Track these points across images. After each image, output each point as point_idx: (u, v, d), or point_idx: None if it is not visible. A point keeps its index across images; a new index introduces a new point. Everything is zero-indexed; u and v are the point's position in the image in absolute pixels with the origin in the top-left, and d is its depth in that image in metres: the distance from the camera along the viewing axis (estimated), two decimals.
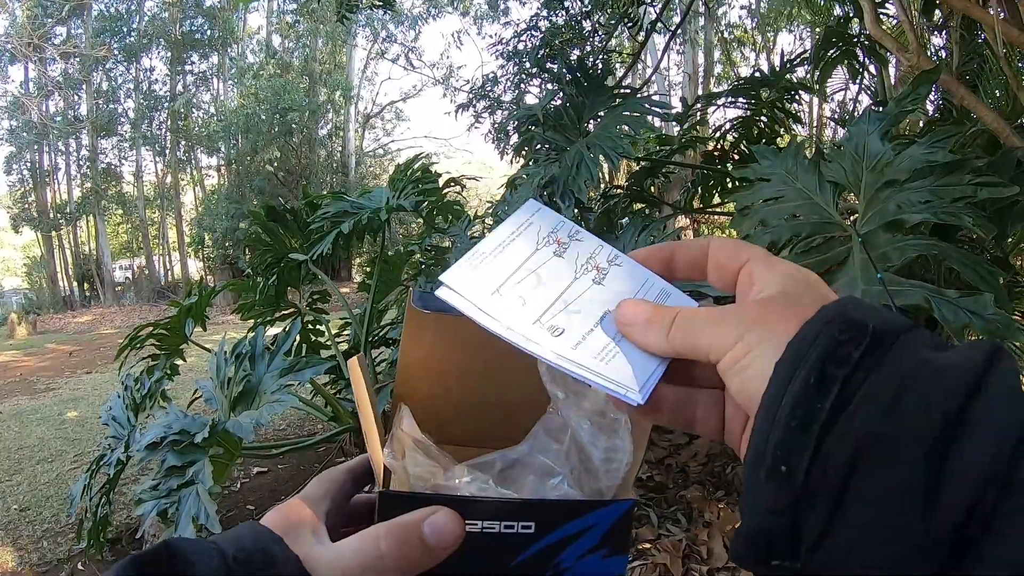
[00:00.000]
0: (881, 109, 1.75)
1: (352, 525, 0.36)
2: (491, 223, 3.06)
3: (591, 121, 2.76)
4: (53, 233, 18.50)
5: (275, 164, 17.98)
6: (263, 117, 16.48)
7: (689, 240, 0.37)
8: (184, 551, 0.32)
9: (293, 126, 17.05)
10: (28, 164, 18.05)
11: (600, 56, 5.82)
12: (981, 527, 0.22)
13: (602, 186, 3.69)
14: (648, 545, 2.43)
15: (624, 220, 3.18)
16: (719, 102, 3.68)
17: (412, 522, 0.35)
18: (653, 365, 0.34)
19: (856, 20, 3.13)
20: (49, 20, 16.72)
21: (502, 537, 0.36)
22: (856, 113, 3.83)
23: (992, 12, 1.87)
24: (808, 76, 3.63)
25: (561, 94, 3.06)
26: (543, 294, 0.37)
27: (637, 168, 3.56)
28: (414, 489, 0.38)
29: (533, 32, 6.91)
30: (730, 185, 3.38)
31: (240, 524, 0.36)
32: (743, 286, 0.35)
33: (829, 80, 3.68)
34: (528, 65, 6.84)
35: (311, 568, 0.33)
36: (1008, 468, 0.22)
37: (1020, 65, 2.53)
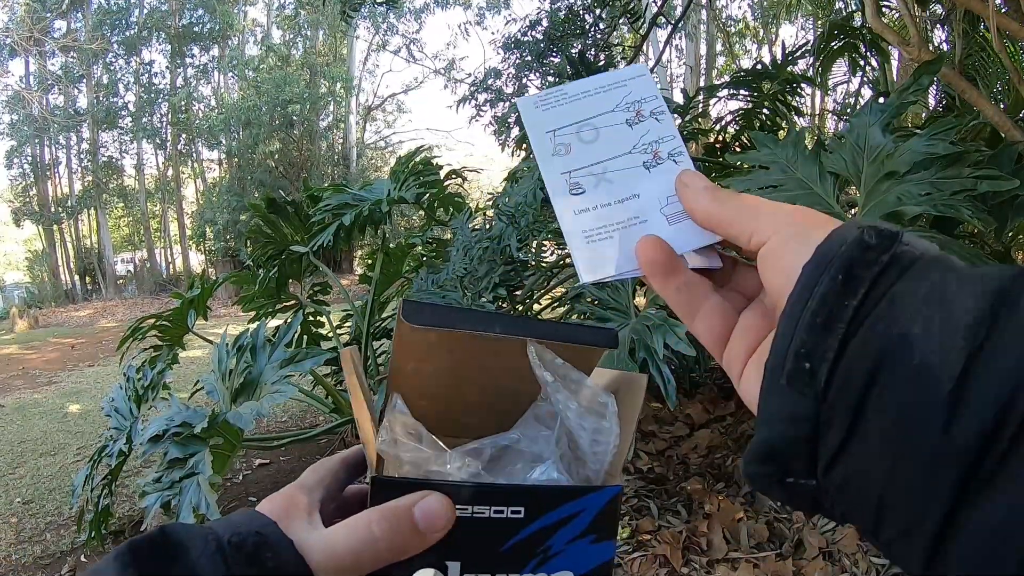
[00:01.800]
0: (883, 101, 1.75)
1: (345, 515, 0.37)
2: (492, 215, 3.07)
3: None
4: (54, 227, 18.53)
5: (276, 157, 17.96)
6: (264, 109, 16.45)
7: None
8: (179, 535, 0.32)
9: (294, 118, 17.02)
10: (29, 158, 18.06)
11: (601, 49, 5.81)
12: (1008, 443, 0.21)
13: None
14: (648, 536, 2.44)
15: None
16: (720, 94, 3.67)
17: (403, 506, 0.35)
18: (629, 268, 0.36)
19: (858, 13, 3.13)
20: (49, 14, 16.70)
21: (492, 522, 0.37)
22: (858, 106, 3.82)
23: (989, 4, 1.86)
24: (809, 68, 3.63)
25: None
26: (590, 151, 0.39)
27: None
28: (406, 475, 0.39)
29: (535, 26, 6.89)
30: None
31: (236, 511, 0.37)
32: None
33: (831, 72, 3.67)
34: (529, 58, 6.82)
35: (304, 552, 0.33)
36: None
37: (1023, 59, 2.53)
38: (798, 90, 3.48)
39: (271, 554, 0.33)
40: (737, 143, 3.47)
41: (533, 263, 2.90)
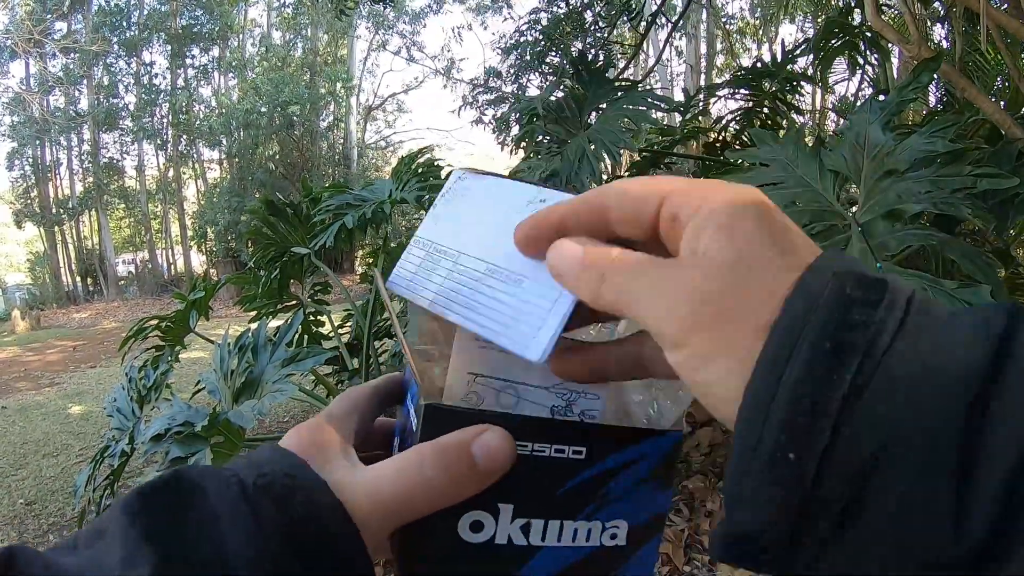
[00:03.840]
0: (882, 98, 1.75)
1: (368, 450, 0.34)
2: None
3: (592, 114, 2.76)
4: (56, 228, 18.54)
5: (276, 157, 17.97)
6: (263, 110, 16.46)
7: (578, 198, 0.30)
8: (194, 478, 0.29)
9: (294, 119, 17.03)
10: (30, 159, 18.06)
11: (601, 48, 5.81)
12: (1013, 530, 0.18)
13: (604, 177, 3.69)
14: None
15: None
16: (720, 93, 3.68)
17: (460, 442, 0.31)
18: (551, 317, 0.31)
19: (857, 10, 3.13)
20: (49, 16, 16.71)
21: (552, 461, 0.34)
22: (858, 103, 3.82)
23: (987, 1, 1.87)
24: (809, 67, 3.63)
25: (562, 86, 3.06)
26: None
27: (639, 158, 3.56)
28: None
29: (534, 26, 6.90)
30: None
31: (260, 447, 0.32)
32: (670, 238, 0.27)
33: (831, 71, 3.68)
34: (529, 58, 6.83)
35: (343, 495, 0.30)
36: None
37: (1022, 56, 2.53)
38: (798, 88, 3.49)
39: (303, 499, 0.29)
40: (738, 142, 3.47)
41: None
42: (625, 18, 5.42)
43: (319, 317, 3.91)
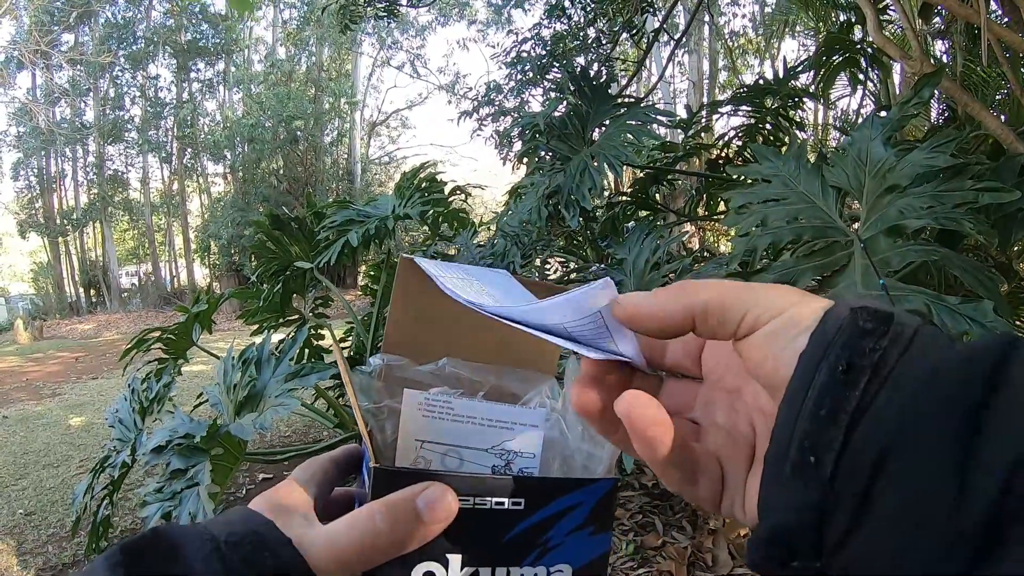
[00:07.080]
0: (884, 114, 1.75)
1: (330, 516, 0.36)
2: (494, 230, 3.07)
3: (595, 130, 2.76)
4: (60, 239, 18.61)
5: (280, 172, 18.04)
6: (268, 125, 16.53)
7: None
8: (173, 536, 0.32)
9: (298, 134, 17.10)
10: (35, 170, 18.19)
11: (604, 64, 5.83)
12: (1011, 515, 0.21)
13: (606, 193, 3.69)
14: (653, 552, 2.43)
15: (630, 224, 3.20)
16: (723, 110, 3.69)
17: (406, 498, 0.35)
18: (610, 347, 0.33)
19: (858, 26, 3.14)
20: (56, 27, 16.85)
21: (493, 513, 0.37)
22: (860, 119, 3.83)
23: (988, 16, 1.87)
24: (811, 82, 3.64)
25: (565, 102, 3.07)
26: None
27: (641, 175, 3.57)
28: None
29: (536, 41, 6.93)
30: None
31: (229, 509, 0.36)
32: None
33: (833, 86, 3.68)
34: (531, 73, 6.86)
35: (304, 550, 0.33)
36: None
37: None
38: (800, 104, 3.49)
39: (269, 554, 0.32)
40: (740, 158, 3.47)
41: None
42: (627, 35, 5.44)
43: (320, 331, 3.92)
